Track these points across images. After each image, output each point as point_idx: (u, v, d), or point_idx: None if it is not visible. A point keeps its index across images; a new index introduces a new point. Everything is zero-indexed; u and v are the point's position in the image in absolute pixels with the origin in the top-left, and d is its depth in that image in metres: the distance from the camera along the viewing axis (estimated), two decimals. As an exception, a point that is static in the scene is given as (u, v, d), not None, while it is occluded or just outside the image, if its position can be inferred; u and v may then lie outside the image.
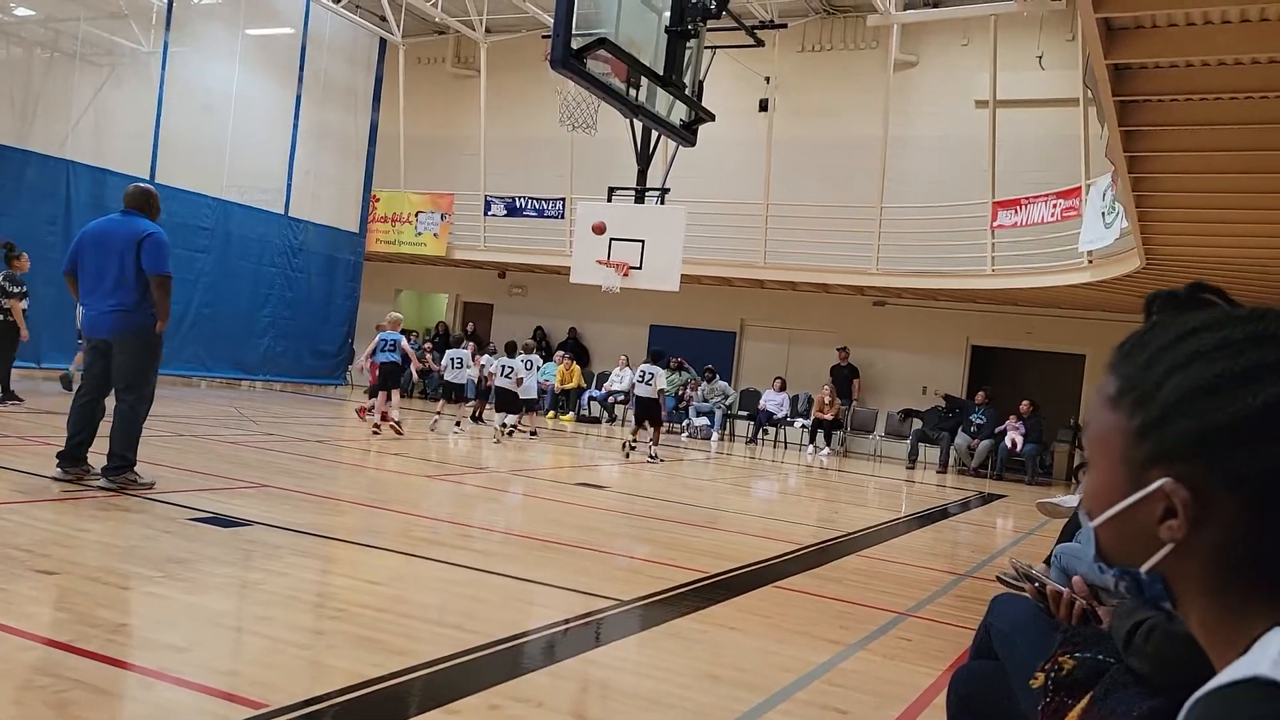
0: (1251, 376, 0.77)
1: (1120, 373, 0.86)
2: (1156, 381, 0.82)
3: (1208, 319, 0.83)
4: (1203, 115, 6.22)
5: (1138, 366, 0.84)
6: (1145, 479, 0.81)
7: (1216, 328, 0.81)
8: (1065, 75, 14.60)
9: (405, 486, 7.86)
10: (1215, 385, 0.78)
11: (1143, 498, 0.81)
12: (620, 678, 3.46)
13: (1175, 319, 0.85)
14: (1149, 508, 0.81)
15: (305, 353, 17.20)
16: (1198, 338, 0.81)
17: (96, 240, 5.83)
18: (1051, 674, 1.59)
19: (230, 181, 15.58)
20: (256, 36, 16.15)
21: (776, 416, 16.85)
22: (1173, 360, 0.82)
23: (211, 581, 4.04)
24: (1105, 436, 0.86)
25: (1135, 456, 0.82)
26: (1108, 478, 0.85)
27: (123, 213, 5.96)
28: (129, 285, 5.76)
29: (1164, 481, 0.80)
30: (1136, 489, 0.82)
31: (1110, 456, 0.85)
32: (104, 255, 5.77)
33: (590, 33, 7.49)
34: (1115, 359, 0.87)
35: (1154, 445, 0.81)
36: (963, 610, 5.15)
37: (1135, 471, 0.82)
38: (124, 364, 5.80)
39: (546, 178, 18.64)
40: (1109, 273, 11.98)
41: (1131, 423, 0.83)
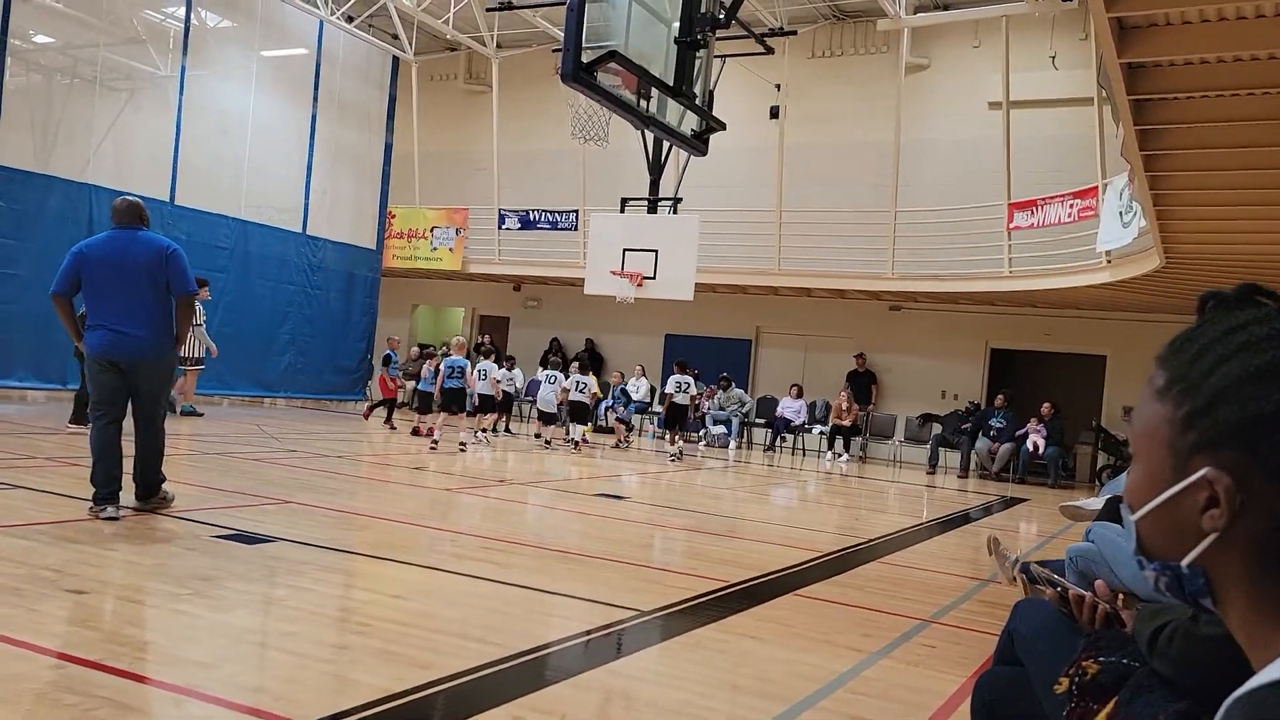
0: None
1: (1169, 366, 0.86)
2: (1204, 372, 0.82)
3: (1258, 314, 0.83)
4: (1219, 112, 6.18)
5: (1186, 359, 0.85)
6: (1189, 469, 0.81)
7: (1266, 321, 0.82)
8: (1079, 75, 14.54)
9: (427, 500, 7.89)
10: (1261, 374, 0.78)
11: (1186, 488, 0.81)
12: (642, 688, 3.46)
13: (1226, 316, 0.85)
14: (1192, 498, 0.81)
15: (325, 369, 17.33)
16: (1247, 331, 0.82)
17: (110, 260, 5.51)
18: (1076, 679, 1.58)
19: (248, 202, 15.73)
20: (271, 58, 16.32)
21: (794, 424, 16.81)
22: (1221, 352, 0.82)
23: (237, 598, 4.07)
24: (1152, 428, 0.86)
25: (1180, 446, 0.82)
26: (1152, 469, 0.85)
27: (122, 229, 5.62)
28: (158, 305, 5.56)
29: (1206, 470, 0.80)
30: (1180, 479, 0.82)
31: (1156, 448, 0.85)
32: (124, 275, 5.50)
33: (600, 46, 7.54)
34: (1164, 353, 0.88)
35: (1199, 434, 0.81)
36: (986, 616, 5.12)
37: (1180, 461, 0.82)
38: (153, 387, 5.62)
39: (559, 190, 18.72)
40: (1128, 272, 11.90)
41: (1178, 412, 0.83)
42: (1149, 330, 14.86)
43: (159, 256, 5.57)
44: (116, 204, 5.73)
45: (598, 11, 7.75)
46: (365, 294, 18.32)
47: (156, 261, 5.55)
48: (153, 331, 5.53)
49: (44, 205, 12.93)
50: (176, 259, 5.61)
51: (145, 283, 5.52)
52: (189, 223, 14.35)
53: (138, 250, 5.55)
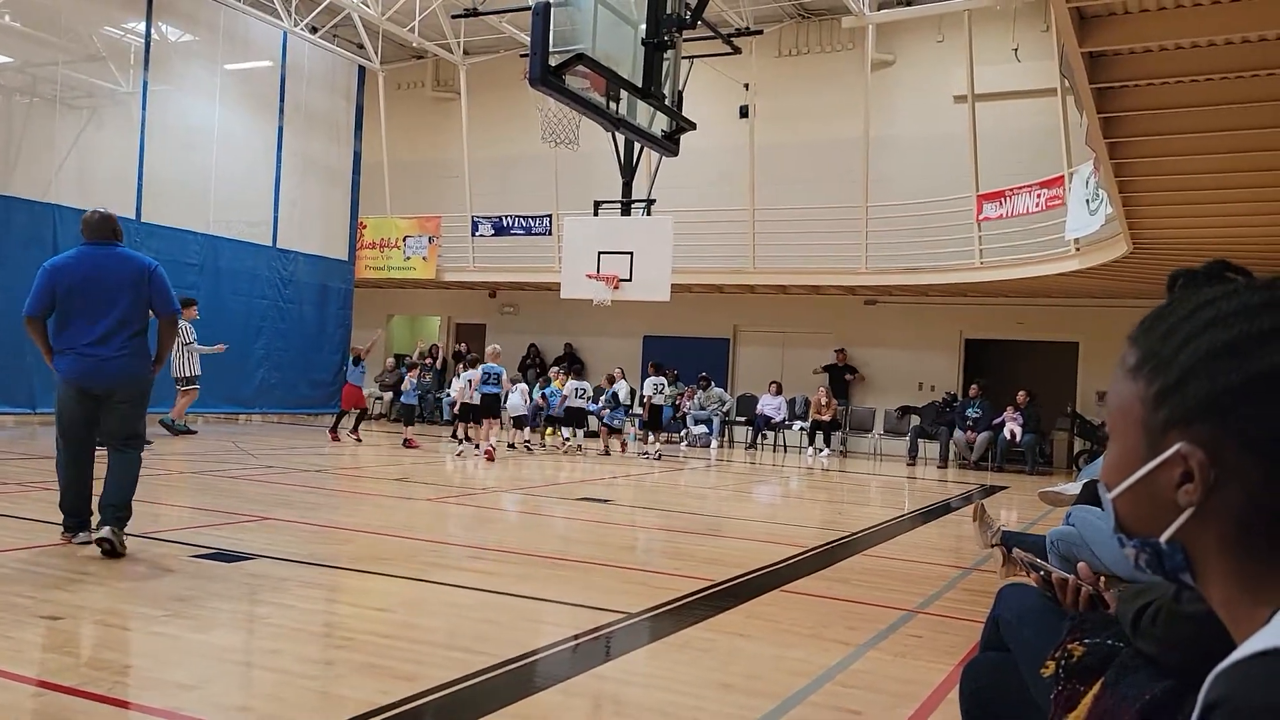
0: (1266, 339, 0.78)
1: (1141, 344, 0.87)
2: (1174, 348, 0.83)
3: (1226, 290, 0.84)
4: (1180, 98, 6.26)
5: (1157, 337, 0.85)
6: (1163, 445, 0.82)
7: (1234, 296, 0.82)
8: (1042, 66, 14.69)
9: (408, 511, 7.84)
10: (1230, 348, 0.79)
11: (1161, 464, 0.82)
12: (632, 691, 3.45)
13: (1195, 293, 0.86)
14: (1167, 474, 0.82)
15: (300, 383, 17.19)
16: (1215, 306, 0.82)
17: (87, 278, 5.09)
18: (1062, 662, 1.59)
19: (217, 217, 15.59)
20: (235, 71, 16.18)
21: (774, 420, 16.86)
22: (1190, 328, 0.83)
23: (217, 618, 4.03)
24: (1125, 406, 0.87)
25: (1154, 423, 0.83)
26: (1127, 447, 0.86)
27: (96, 245, 5.21)
28: (136, 327, 5.15)
29: (1180, 445, 0.80)
30: (1155, 456, 0.82)
31: (1130, 426, 0.86)
32: (102, 294, 5.07)
33: (567, 49, 7.54)
34: (1136, 332, 0.88)
35: (1171, 409, 0.82)
36: (971, 604, 5.15)
37: (1154, 438, 0.83)
38: (130, 413, 5.18)
39: (532, 195, 18.70)
40: (1096, 259, 12.03)
41: (1150, 390, 0.84)
42: (1119, 315, 15.00)
43: (141, 274, 5.18)
44: (87, 217, 5.28)
45: (564, 15, 7.75)
46: (339, 306, 18.19)
47: (138, 279, 5.17)
48: (131, 355, 5.15)
49: (7, 227, 12.75)
50: (159, 277, 5.24)
51: (125, 302, 5.12)
52: (157, 240, 14.18)
53: (116, 267, 5.15)
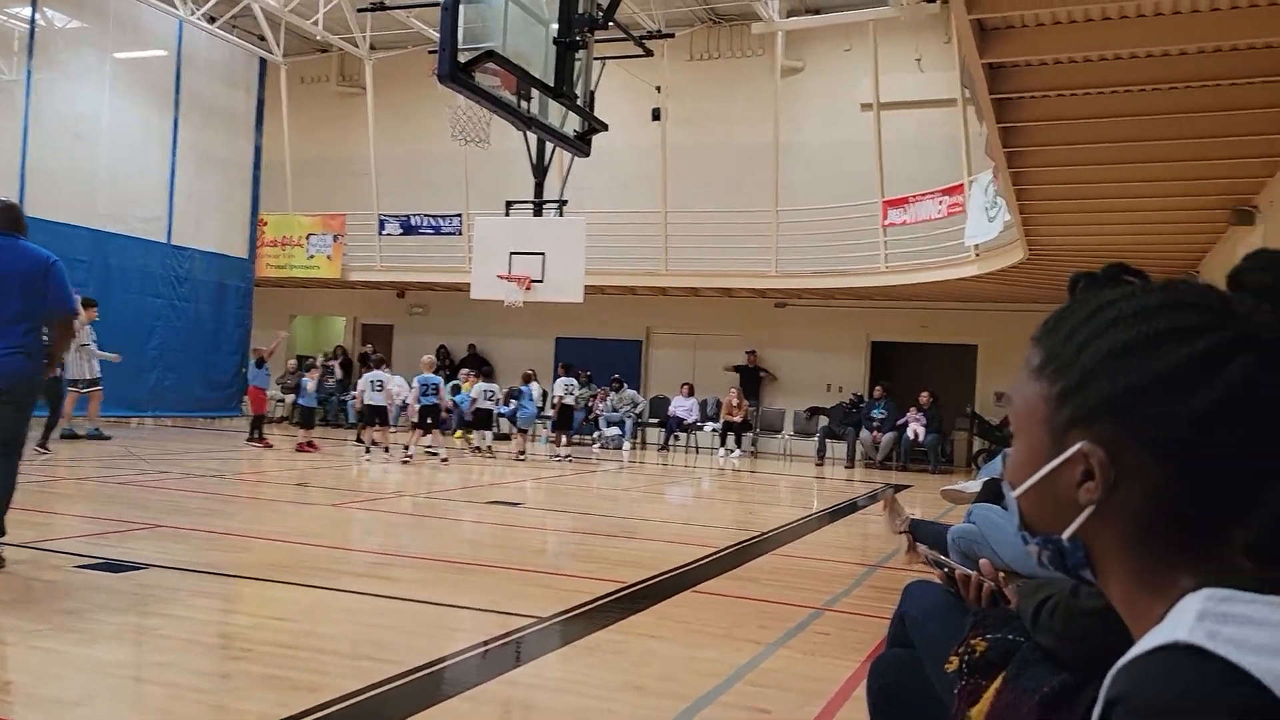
0: (1163, 339, 0.79)
1: (1043, 345, 0.88)
2: (1075, 349, 0.84)
3: (1125, 292, 0.85)
4: (1075, 110, 6.50)
5: (1059, 338, 0.86)
6: (1065, 444, 0.83)
7: (1132, 298, 0.84)
8: (944, 76, 15.13)
9: (309, 516, 7.62)
10: (1128, 349, 0.80)
11: (1062, 463, 0.83)
12: (542, 696, 3.41)
13: (1095, 295, 0.87)
14: (1068, 472, 0.83)
15: (196, 385, 16.58)
16: (1115, 307, 0.84)
17: None
18: (965, 657, 1.61)
19: (106, 211, 14.91)
20: (127, 60, 15.53)
21: (686, 422, 16.97)
22: (1091, 329, 0.84)
23: (104, 630, 3.83)
24: (1029, 406, 0.88)
25: (1056, 422, 0.84)
26: (1031, 446, 0.87)
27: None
28: (29, 323, 4.80)
29: (1081, 444, 0.82)
30: (1057, 455, 0.84)
31: (1034, 425, 0.87)
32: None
33: (477, 46, 7.44)
34: (1039, 333, 0.89)
35: (1073, 409, 0.83)
36: (877, 601, 5.25)
37: (1056, 437, 0.84)
38: (13, 416, 4.82)
39: (441, 194, 18.43)
40: (995, 265, 12.44)
41: (1053, 390, 0.85)
42: (1017, 319, 15.55)
43: (39, 268, 4.81)
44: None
45: (474, 12, 7.65)
46: (238, 305, 17.61)
47: (35, 274, 4.80)
48: (23, 354, 4.79)
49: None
50: (57, 273, 4.86)
51: (17, 297, 4.77)
52: (41, 234, 13.28)
53: (12, 259, 4.79)
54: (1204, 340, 0.78)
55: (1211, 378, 0.77)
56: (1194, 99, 6.12)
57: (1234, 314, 0.79)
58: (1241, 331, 0.78)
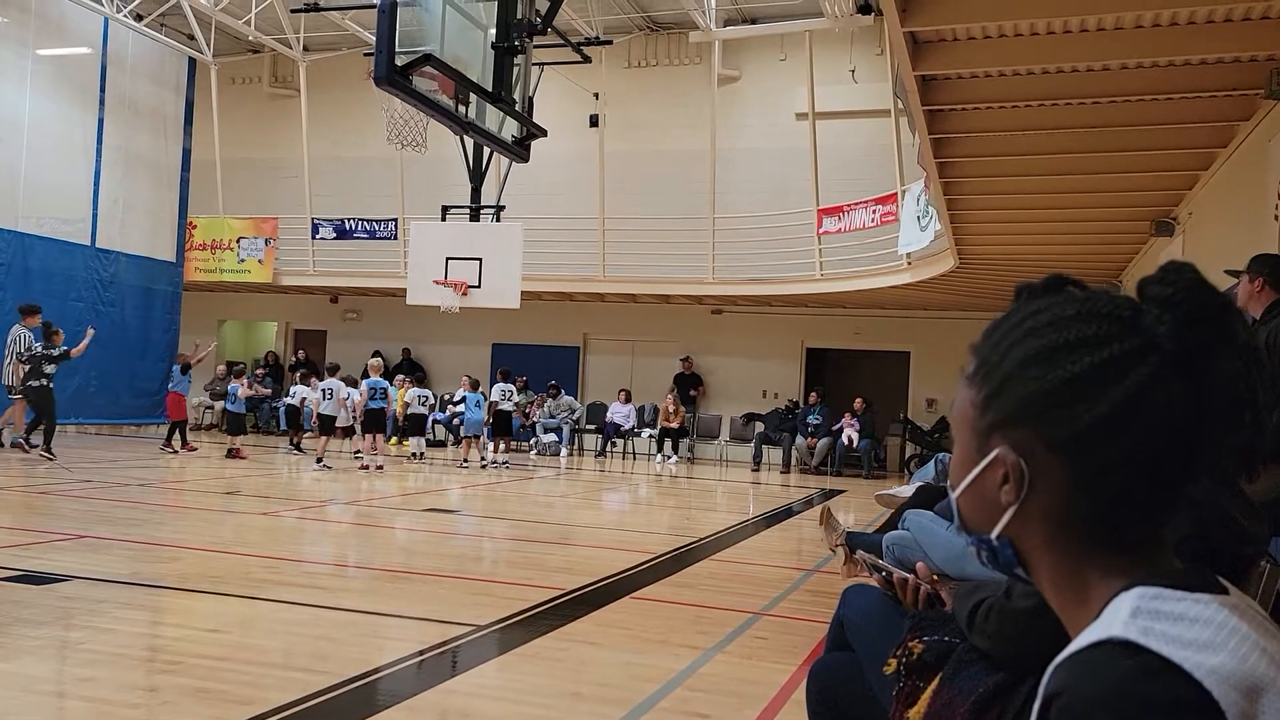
0: (1072, 347, 0.83)
1: (978, 353, 0.91)
2: (999, 357, 0.88)
3: (1050, 302, 0.88)
4: (1005, 122, 6.68)
5: (990, 345, 0.90)
6: (988, 447, 0.87)
7: (1052, 308, 0.87)
8: (877, 88, 15.40)
9: (241, 526, 7.45)
10: (1040, 356, 0.84)
11: (986, 466, 0.87)
12: (481, 705, 3.38)
13: (1028, 304, 0.90)
14: (992, 475, 0.87)
15: (123, 392, 16.09)
16: (1035, 317, 0.87)
17: None
18: (903, 659, 1.64)
19: (26, 212, 14.39)
20: (49, 57, 15.03)
21: (624, 428, 16.98)
22: (1014, 338, 0.87)
23: (25, 644, 3.70)
24: (962, 411, 0.91)
25: (980, 426, 0.88)
26: (963, 450, 0.91)
27: None
28: None
29: (1000, 449, 0.85)
30: (982, 458, 0.88)
31: (964, 429, 0.91)
32: None
33: (415, 50, 7.37)
34: (977, 341, 0.93)
35: (994, 414, 0.87)
36: (813, 605, 5.31)
37: (981, 441, 0.88)
38: None
39: (377, 198, 18.19)
40: (926, 273, 12.69)
41: (979, 395, 0.89)
42: (947, 327, 15.89)
43: None
44: None
45: (411, 15, 7.57)
46: (165, 310, 17.14)
47: None
48: None
49: None
50: None
51: None
52: (-43, 236, 13.02)
53: None
54: (1108, 349, 0.81)
55: (1112, 385, 0.80)
56: (1118, 113, 6.34)
57: (1140, 325, 0.83)
58: (1145, 341, 0.82)
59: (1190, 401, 0.80)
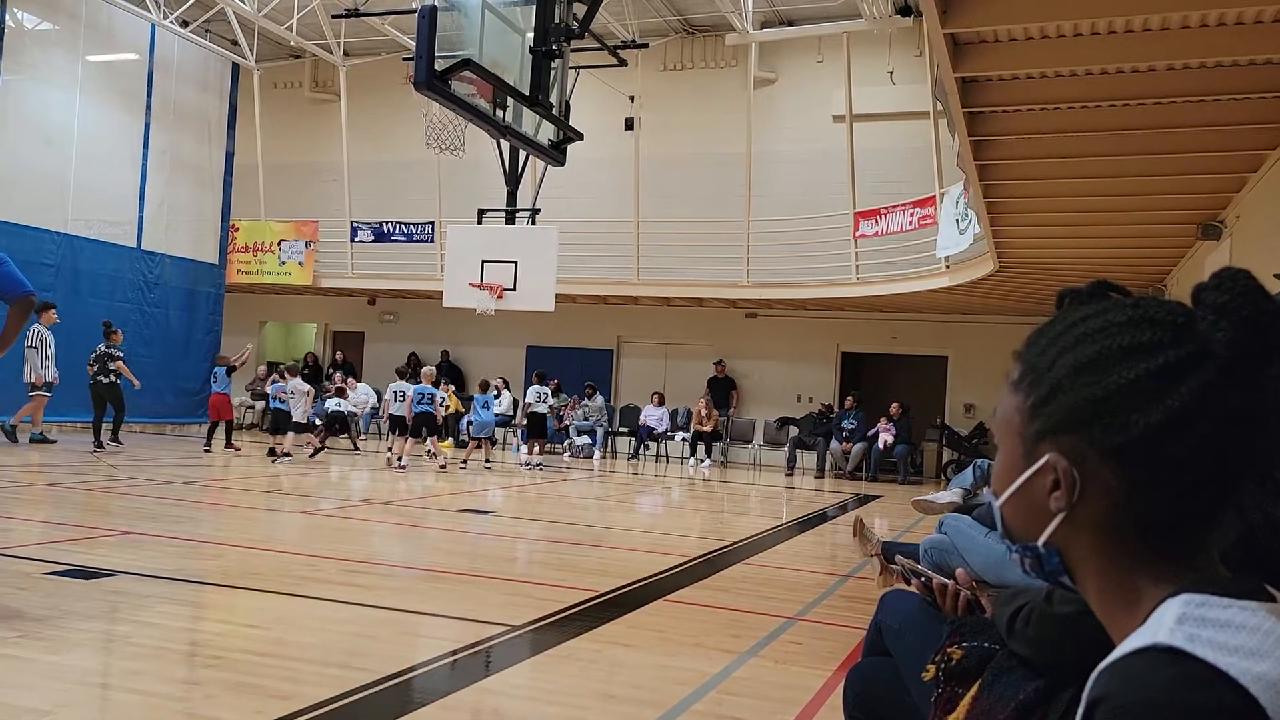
0: (1125, 354, 0.83)
1: (1023, 359, 0.91)
2: (1048, 364, 0.87)
3: (1098, 308, 0.88)
4: (1047, 124, 6.60)
5: (1036, 352, 0.90)
6: (1036, 454, 0.87)
7: (1102, 314, 0.87)
8: (915, 89, 15.29)
9: (281, 524, 7.56)
10: (1092, 363, 0.84)
11: (1034, 473, 0.87)
12: (515, 704, 3.40)
13: (1074, 310, 0.90)
14: (1040, 482, 0.87)
15: (166, 391, 16.37)
16: (1086, 323, 0.87)
17: None
18: (942, 665, 1.63)
19: (76, 215, 14.72)
20: (98, 63, 15.35)
21: (657, 431, 16.98)
22: (1062, 345, 0.87)
23: (75, 638, 3.78)
24: (1007, 418, 0.91)
25: (1028, 433, 0.88)
26: (1009, 457, 0.91)
27: None
28: None
29: (1049, 455, 0.85)
30: (1030, 465, 0.87)
31: (1011, 436, 0.90)
32: None
33: (454, 54, 7.44)
34: (1021, 348, 0.93)
35: (1042, 421, 0.86)
36: (849, 610, 5.28)
37: (1029, 448, 0.88)
38: None
39: (414, 201, 18.36)
40: (965, 277, 12.57)
41: (1026, 402, 0.88)
42: (986, 331, 15.73)
43: None
44: None
45: (450, 20, 7.64)
46: (208, 311, 17.43)
47: None
48: None
49: None
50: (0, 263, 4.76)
51: None
52: (9, 238, 13.29)
53: None
54: (1162, 356, 0.81)
55: (1167, 392, 0.80)
56: (1164, 115, 6.24)
57: (1194, 331, 0.82)
58: (1199, 348, 0.81)
59: (1244, 409, 0.80)
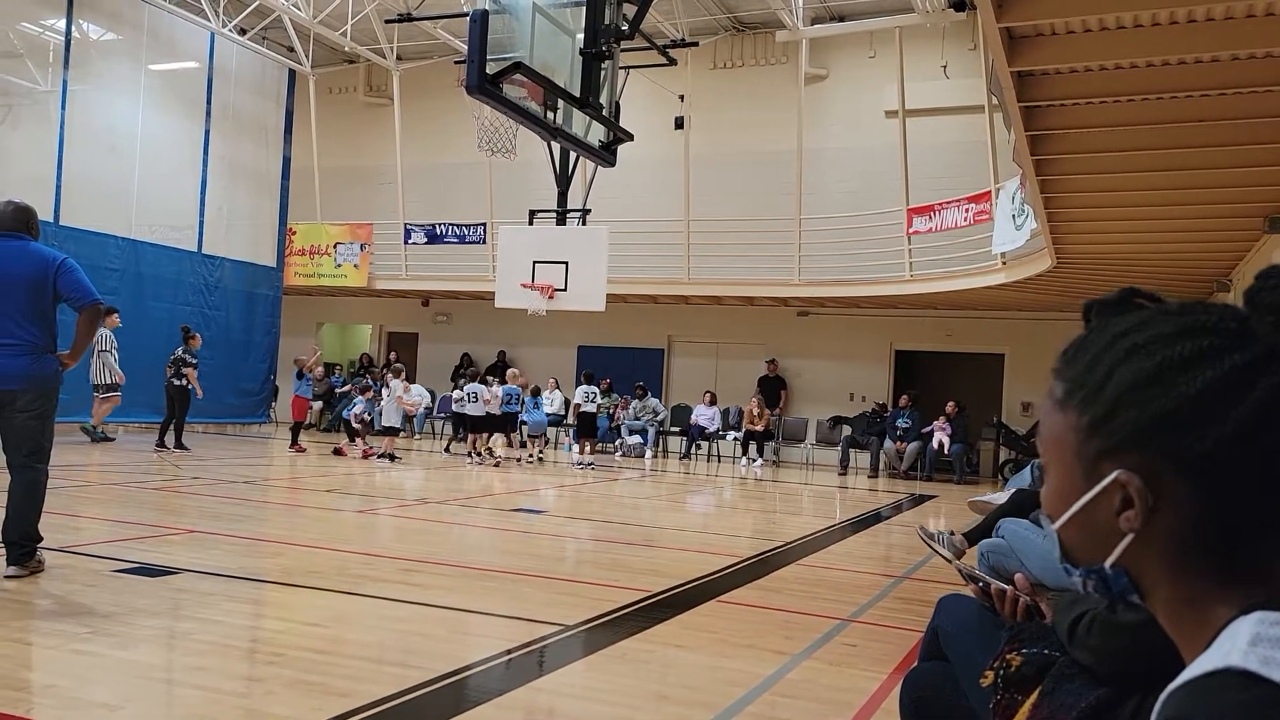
0: (1188, 363, 0.80)
1: (1065, 376, 0.89)
2: (1101, 379, 0.85)
3: (1142, 318, 0.86)
4: (1105, 117, 6.46)
5: (1082, 368, 0.87)
6: (1099, 474, 0.84)
7: (1150, 325, 0.85)
8: (969, 83, 15.06)
9: (339, 523, 7.69)
10: (1155, 375, 0.81)
11: (1099, 493, 0.84)
12: (568, 704, 3.42)
13: (1111, 322, 0.87)
14: (1106, 502, 0.84)
15: (226, 392, 16.74)
16: (1134, 335, 0.84)
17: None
18: (1000, 672, 1.61)
19: (139, 220, 15.13)
20: (160, 72, 15.76)
21: (708, 431, 16.95)
22: (1114, 357, 0.84)
23: (141, 634, 3.89)
24: (1058, 438, 0.88)
25: (1087, 453, 0.85)
26: (1064, 479, 0.88)
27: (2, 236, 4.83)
28: (40, 324, 4.75)
29: (1118, 473, 0.82)
30: (1092, 485, 0.84)
31: (1064, 457, 0.87)
32: None
33: (505, 57, 7.49)
34: (1059, 365, 0.90)
35: (1104, 439, 0.83)
36: (904, 613, 5.23)
37: (1089, 468, 0.85)
38: (33, 423, 4.72)
39: (466, 203, 18.54)
40: (1022, 273, 12.35)
41: (1081, 420, 0.85)
42: (1044, 328, 15.44)
43: (45, 269, 4.81)
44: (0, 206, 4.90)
45: (501, 23, 7.70)
46: (267, 313, 17.79)
47: (41, 276, 4.76)
48: (32, 358, 4.74)
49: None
50: (69, 270, 4.84)
51: (24, 298, 4.72)
52: (76, 243, 13.70)
53: (18, 262, 4.77)
54: (1228, 361, 0.79)
55: (1240, 399, 0.78)
56: (1227, 106, 6.07)
57: (1254, 333, 0.80)
58: (1266, 350, 0.79)
59: None
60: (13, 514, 4.74)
